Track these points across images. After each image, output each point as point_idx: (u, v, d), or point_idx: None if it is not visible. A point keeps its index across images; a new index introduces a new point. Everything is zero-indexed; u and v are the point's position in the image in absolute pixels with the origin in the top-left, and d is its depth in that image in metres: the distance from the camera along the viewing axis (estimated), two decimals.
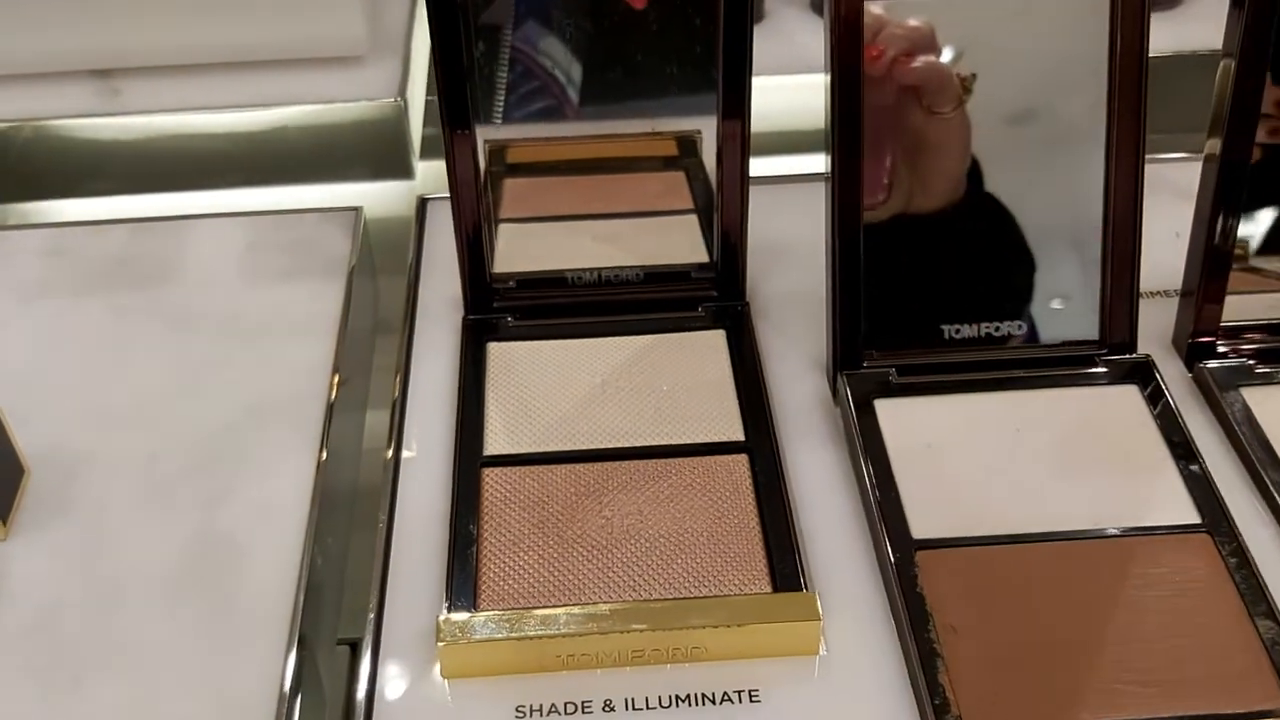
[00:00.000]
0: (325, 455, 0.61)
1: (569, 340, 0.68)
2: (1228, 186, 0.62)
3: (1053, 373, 0.64)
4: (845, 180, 0.62)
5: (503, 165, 0.77)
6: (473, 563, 0.55)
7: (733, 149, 0.66)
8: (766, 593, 0.54)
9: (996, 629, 0.53)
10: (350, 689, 0.52)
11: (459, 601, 0.53)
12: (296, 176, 0.85)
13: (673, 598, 0.53)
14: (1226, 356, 0.65)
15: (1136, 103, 0.61)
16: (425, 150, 0.85)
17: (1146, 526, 0.57)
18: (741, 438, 0.62)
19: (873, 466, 0.59)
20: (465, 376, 0.65)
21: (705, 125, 0.67)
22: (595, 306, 0.69)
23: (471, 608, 0.53)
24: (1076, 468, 0.60)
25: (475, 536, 0.56)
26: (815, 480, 0.61)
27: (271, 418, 0.64)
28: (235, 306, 0.71)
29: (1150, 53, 0.60)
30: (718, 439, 0.62)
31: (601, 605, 0.52)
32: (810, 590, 0.54)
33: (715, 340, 0.68)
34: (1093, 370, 0.64)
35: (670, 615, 0.51)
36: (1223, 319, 0.65)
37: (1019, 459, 0.60)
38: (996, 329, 0.65)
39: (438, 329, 0.69)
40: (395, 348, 0.68)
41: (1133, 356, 0.64)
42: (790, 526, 0.57)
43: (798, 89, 0.83)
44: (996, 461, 0.60)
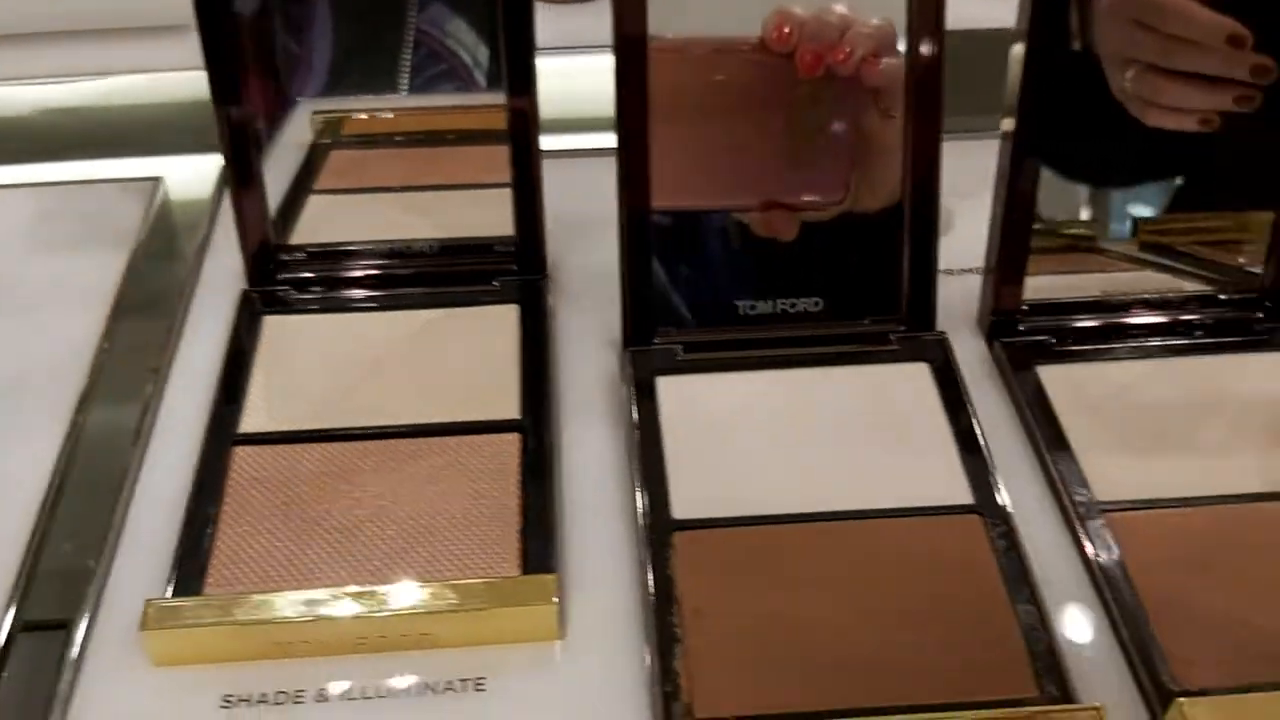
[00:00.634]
0: (72, 432, 0.58)
1: (352, 314, 0.65)
2: (1022, 165, 0.60)
3: (848, 349, 0.62)
4: (632, 157, 0.59)
5: (335, 137, 0.75)
6: (205, 545, 0.52)
7: (521, 123, 0.63)
8: (510, 576, 0.51)
9: (748, 612, 0.50)
10: (58, 676, 0.48)
11: (184, 585, 0.50)
12: (117, 150, 0.82)
13: (412, 582, 0.51)
14: (1026, 334, 0.63)
15: (932, 77, 0.59)
16: None
17: (917, 507, 0.54)
18: (517, 416, 0.59)
19: (642, 446, 0.57)
20: (232, 351, 0.62)
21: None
22: (385, 279, 0.67)
23: (198, 591, 0.50)
24: (855, 447, 0.57)
25: (213, 517, 0.53)
26: (591, 461, 0.58)
27: (26, 393, 0.60)
28: (13, 277, 0.68)
29: (967, 26, 0.59)
30: (491, 417, 0.59)
31: (322, 590, 0.49)
32: (556, 574, 0.51)
33: (507, 315, 0.65)
34: (887, 348, 0.62)
35: (392, 600, 0.49)
36: (1024, 297, 0.63)
37: (799, 438, 0.58)
38: (793, 305, 0.63)
39: (219, 302, 0.66)
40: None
41: (927, 335, 0.62)
42: (550, 508, 0.54)
43: None
44: (775, 440, 0.58)
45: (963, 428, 0.58)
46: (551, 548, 0.52)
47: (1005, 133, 0.60)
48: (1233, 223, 0.65)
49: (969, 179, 0.62)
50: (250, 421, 0.58)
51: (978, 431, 0.57)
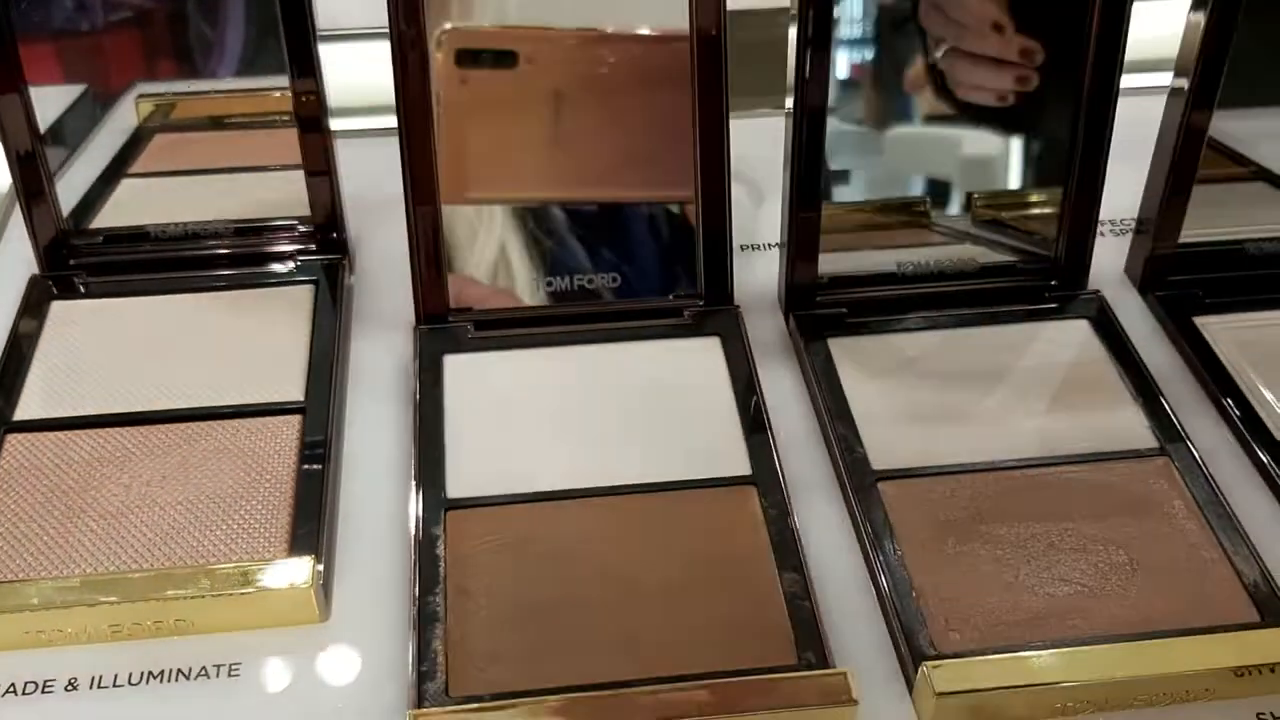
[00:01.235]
0: None
1: (143, 298, 0.64)
2: (807, 143, 0.60)
3: (642, 325, 0.62)
4: (414, 140, 0.59)
5: (164, 121, 0.74)
6: None
7: (307, 105, 0.63)
8: (266, 559, 0.51)
9: (515, 590, 0.50)
10: None
11: None
12: None
13: (166, 568, 0.50)
14: (821, 308, 0.63)
15: (715, 52, 0.59)
16: None
17: (694, 479, 0.55)
18: (300, 398, 0.58)
19: (422, 426, 0.56)
20: (13, 337, 0.61)
21: None
22: (180, 262, 0.66)
23: None
24: (638, 421, 0.57)
25: None
26: (375, 442, 0.58)
27: None
28: None
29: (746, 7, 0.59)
30: (272, 400, 0.58)
31: (73, 578, 0.48)
32: (316, 555, 0.50)
33: (302, 296, 0.64)
34: (681, 323, 0.62)
35: (144, 587, 0.48)
36: (821, 271, 0.63)
37: (583, 414, 0.58)
38: (590, 281, 0.63)
39: (7, 289, 0.64)
40: None
41: (720, 308, 0.62)
42: (323, 491, 0.54)
43: None
44: (558, 416, 0.58)
45: (747, 400, 0.58)
46: (320, 530, 0.52)
47: (788, 111, 0.60)
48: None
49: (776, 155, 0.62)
50: (26, 408, 0.57)
51: (762, 404, 0.58)
